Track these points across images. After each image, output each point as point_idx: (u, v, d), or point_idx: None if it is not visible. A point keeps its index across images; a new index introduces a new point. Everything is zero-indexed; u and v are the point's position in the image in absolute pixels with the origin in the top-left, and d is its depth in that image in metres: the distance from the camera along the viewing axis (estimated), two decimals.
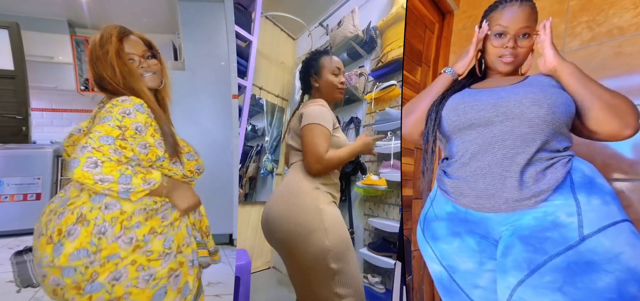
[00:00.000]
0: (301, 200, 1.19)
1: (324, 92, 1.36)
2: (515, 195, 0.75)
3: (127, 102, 0.85)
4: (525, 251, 0.72)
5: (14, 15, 3.18)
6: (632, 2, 1.16)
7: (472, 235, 0.83)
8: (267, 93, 2.14)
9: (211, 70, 2.81)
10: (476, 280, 0.83)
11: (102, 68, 0.91)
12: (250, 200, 2.11)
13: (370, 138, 1.29)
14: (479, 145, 0.80)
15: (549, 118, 0.75)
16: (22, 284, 0.88)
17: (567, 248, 0.68)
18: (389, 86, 1.66)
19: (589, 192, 0.72)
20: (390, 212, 1.67)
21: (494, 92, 0.83)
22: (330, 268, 1.11)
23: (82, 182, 0.76)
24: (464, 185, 0.81)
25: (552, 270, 0.68)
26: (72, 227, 0.78)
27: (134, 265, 0.81)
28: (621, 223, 0.69)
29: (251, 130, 2.10)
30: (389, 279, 1.59)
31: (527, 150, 0.76)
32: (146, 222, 0.84)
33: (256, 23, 1.93)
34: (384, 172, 1.64)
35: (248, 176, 2.07)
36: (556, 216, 0.71)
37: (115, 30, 0.93)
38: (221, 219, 2.70)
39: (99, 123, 0.82)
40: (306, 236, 1.14)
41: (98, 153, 0.76)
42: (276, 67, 2.25)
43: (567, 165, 0.75)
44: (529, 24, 0.84)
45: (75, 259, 0.77)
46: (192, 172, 0.98)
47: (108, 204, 0.81)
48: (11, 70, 3.03)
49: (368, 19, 1.87)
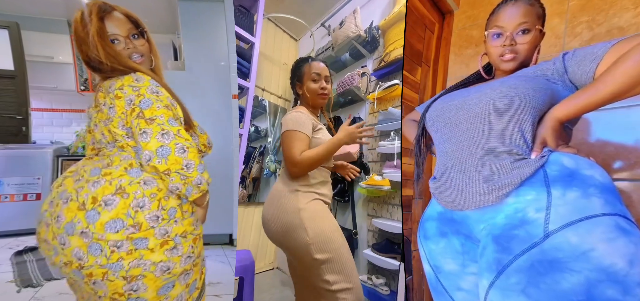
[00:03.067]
0: (283, 203, 1.28)
1: (308, 98, 1.39)
2: (480, 188, 0.74)
3: (142, 80, 0.83)
4: (496, 251, 0.69)
5: (14, 15, 3.18)
6: (632, 2, 1.16)
7: (458, 236, 0.82)
8: (270, 95, 2.14)
9: (211, 70, 2.81)
10: (459, 282, 0.82)
11: (87, 50, 0.86)
12: (253, 200, 2.11)
13: (352, 127, 1.26)
14: (452, 143, 0.82)
15: (502, 109, 0.73)
16: (22, 284, 0.88)
17: (531, 246, 0.63)
18: (392, 85, 1.66)
19: (567, 185, 0.65)
20: (394, 212, 1.66)
21: (467, 91, 0.85)
22: (315, 259, 1.20)
23: (170, 170, 0.75)
24: (441, 185, 0.83)
25: (517, 271, 0.64)
26: (109, 197, 0.77)
27: (158, 258, 0.80)
28: (600, 217, 0.61)
29: (254, 131, 2.10)
30: (393, 280, 1.58)
31: (491, 144, 0.74)
32: (182, 220, 0.84)
33: (258, 25, 1.93)
34: (387, 172, 1.63)
35: (251, 177, 2.07)
36: (525, 212, 0.67)
37: (95, 8, 0.87)
38: (221, 219, 2.70)
39: (144, 108, 0.79)
40: (290, 235, 1.24)
41: (181, 139, 0.76)
42: (279, 69, 2.25)
43: (540, 160, 0.70)
44: (527, 20, 0.83)
45: (111, 229, 0.76)
46: (205, 145, 0.98)
47: (146, 180, 0.81)
48: (11, 70, 3.02)
49: (370, 18, 1.87)
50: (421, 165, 0.98)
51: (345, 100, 1.97)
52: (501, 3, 0.89)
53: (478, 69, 1.01)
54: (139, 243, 0.78)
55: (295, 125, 1.26)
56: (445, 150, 0.84)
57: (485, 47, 0.92)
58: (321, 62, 1.42)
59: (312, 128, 1.30)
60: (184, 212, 0.86)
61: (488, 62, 0.99)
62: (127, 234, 0.77)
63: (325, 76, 1.40)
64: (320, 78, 1.39)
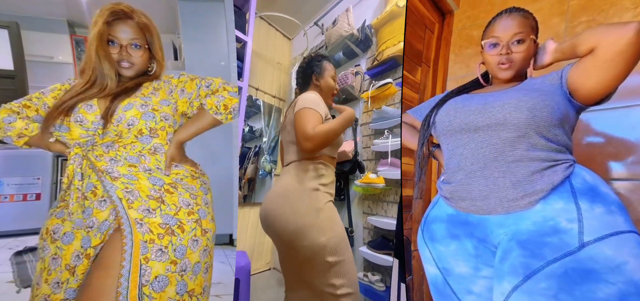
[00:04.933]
0: (301, 202, 1.23)
1: (322, 92, 1.41)
2: (509, 194, 0.75)
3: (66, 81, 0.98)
4: (523, 256, 0.70)
5: (14, 15, 3.18)
6: (632, 2, 1.16)
7: (470, 239, 0.82)
8: (264, 94, 2.14)
9: (211, 70, 2.80)
10: (470, 286, 0.83)
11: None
12: (249, 201, 2.11)
13: (350, 109, 1.32)
14: (471, 149, 0.83)
15: (531, 121, 0.76)
16: (22, 284, 0.88)
17: (565, 254, 0.66)
18: (385, 84, 1.67)
19: (592, 199, 0.70)
20: (389, 209, 1.67)
21: (483, 97, 0.86)
22: (326, 262, 1.18)
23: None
24: (460, 189, 0.83)
25: (548, 277, 0.66)
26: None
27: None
28: (626, 233, 0.65)
29: (249, 132, 2.09)
30: (389, 277, 1.59)
31: (516, 152, 0.76)
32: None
33: (250, 23, 1.93)
34: (381, 170, 1.64)
35: (247, 177, 2.07)
36: (556, 221, 0.70)
37: (107, 13, 0.91)
38: (221, 219, 2.69)
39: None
40: (304, 235, 1.19)
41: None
42: (272, 68, 2.25)
43: (568, 169, 0.74)
44: (521, 30, 0.87)
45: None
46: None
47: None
48: (11, 70, 3.02)
49: (362, 17, 1.88)
50: (424, 167, 1.00)
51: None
52: (497, 15, 0.93)
53: (478, 69, 1.02)
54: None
55: (312, 104, 1.25)
56: (461, 155, 0.85)
57: (482, 56, 0.95)
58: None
59: (325, 116, 1.30)
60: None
61: (485, 71, 1.02)
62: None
63: (337, 81, 1.48)
64: (336, 80, 1.46)
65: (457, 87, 1.03)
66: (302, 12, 2.19)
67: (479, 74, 1.01)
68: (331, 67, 1.45)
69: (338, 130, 1.25)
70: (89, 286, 0.80)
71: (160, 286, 0.79)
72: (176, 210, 0.87)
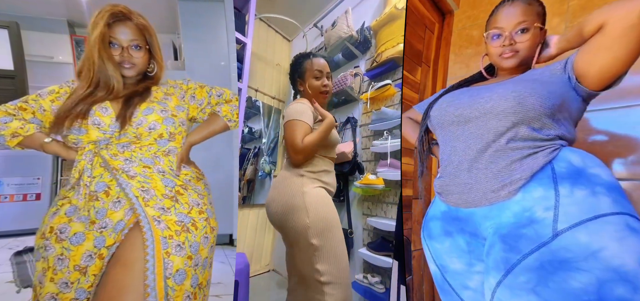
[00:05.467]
0: (287, 185, 1.29)
1: (310, 95, 1.39)
2: (490, 185, 0.74)
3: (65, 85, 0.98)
4: (503, 250, 0.69)
5: (14, 15, 3.18)
6: None
7: (463, 234, 0.82)
8: (263, 95, 2.14)
9: (211, 70, 2.80)
10: (466, 281, 0.82)
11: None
12: (248, 202, 2.11)
13: (330, 115, 1.33)
14: (461, 141, 0.81)
15: (517, 109, 0.73)
16: (22, 284, 0.88)
17: (539, 246, 0.64)
18: (384, 85, 1.67)
19: (574, 182, 0.66)
20: (389, 211, 1.67)
21: (477, 89, 0.85)
22: (310, 244, 1.20)
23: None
24: (449, 183, 0.83)
25: (526, 270, 0.64)
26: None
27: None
28: (609, 216, 0.62)
29: (248, 133, 2.09)
30: (388, 278, 1.58)
31: (500, 141, 0.75)
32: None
33: (250, 25, 1.93)
34: (381, 171, 1.64)
35: (246, 179, 2.06)
36: (532, 211, 0.67)
37: (107, 15, 0.91)
38: (221, 219, 2.69)
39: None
40: (291, 215, 1.24)
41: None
42: (272, 69, 2.25)
43: (551, 154, 0.71)
44: (525, 19, 0.84)
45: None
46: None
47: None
48: (11, 70, 3.02)
49: (362, 19, 1.87)
50: (425, 162, 0.98)
51: (338, 100, 1.98)
52: (499, 4, 0.89)
53: (478, 68, 1.00)
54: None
55: (297, 115, 1.27)
56: (453, 148, 0.83)
57: (485, 48, 0.92)
58: (321, 58, 1.43)
59: (314, 120, 1.31)
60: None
61: (490, 63, 0.99)
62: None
63: (326, 73, 1.40)
64: (322, 75, 1.39)
65: (459, 81, 1.01)
66: (301, 14, 2.19)
67: (482, 66, 0.98)
68: (312, 64, 1.39)
69: (323, 138, 1.29)
70: (108, 284, 0.81)
71: (180, 279, 0.83)
72: (189, 209, 0.91)
